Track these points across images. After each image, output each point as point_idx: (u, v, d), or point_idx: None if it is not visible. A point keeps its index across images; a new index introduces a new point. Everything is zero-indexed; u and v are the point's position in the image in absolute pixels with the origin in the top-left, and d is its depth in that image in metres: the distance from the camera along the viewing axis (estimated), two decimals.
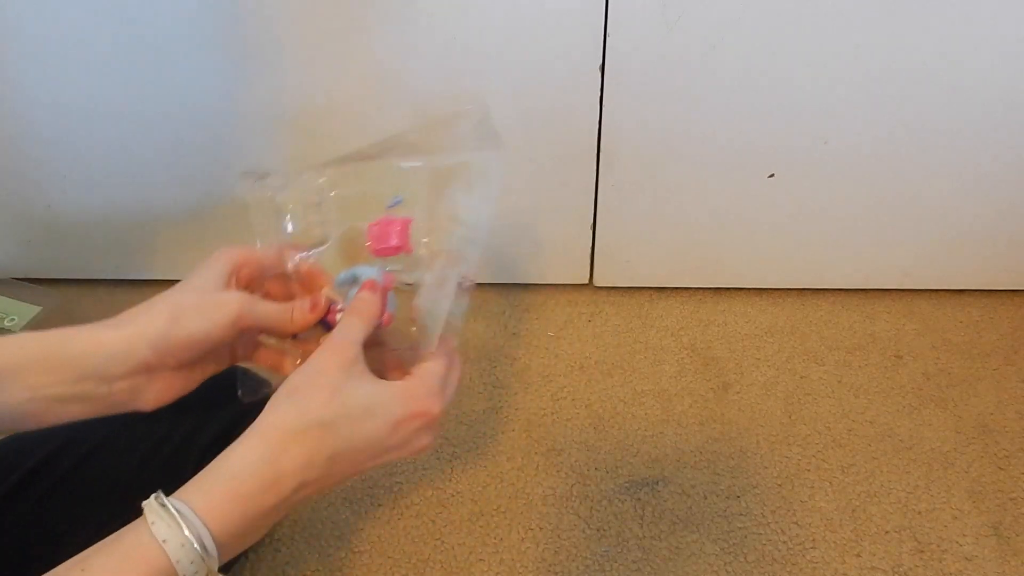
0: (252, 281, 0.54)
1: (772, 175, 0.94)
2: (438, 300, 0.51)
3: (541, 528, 0.82)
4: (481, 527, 0.82)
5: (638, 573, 0.78)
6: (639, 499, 0.84)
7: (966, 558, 0.79)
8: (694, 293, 1.09)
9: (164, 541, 0.39)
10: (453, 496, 0.85)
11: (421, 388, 0.48)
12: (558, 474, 0.87)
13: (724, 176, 0.94)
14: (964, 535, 0.80)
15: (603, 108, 0.88)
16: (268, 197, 0.57)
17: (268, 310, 0.51)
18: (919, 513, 0.82)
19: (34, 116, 0.92)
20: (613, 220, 0.99)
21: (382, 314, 0.51)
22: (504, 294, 1.09)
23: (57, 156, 0.96)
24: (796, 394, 0.95)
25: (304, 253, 0.55)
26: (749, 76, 0.84)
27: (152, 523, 0.40)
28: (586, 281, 1.08)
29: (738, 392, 0.95)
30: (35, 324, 1.00)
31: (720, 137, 0.90)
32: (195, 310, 0.50)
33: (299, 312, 0.52)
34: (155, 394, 0.51)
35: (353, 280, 0.53)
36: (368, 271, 0.53)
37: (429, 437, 0.48)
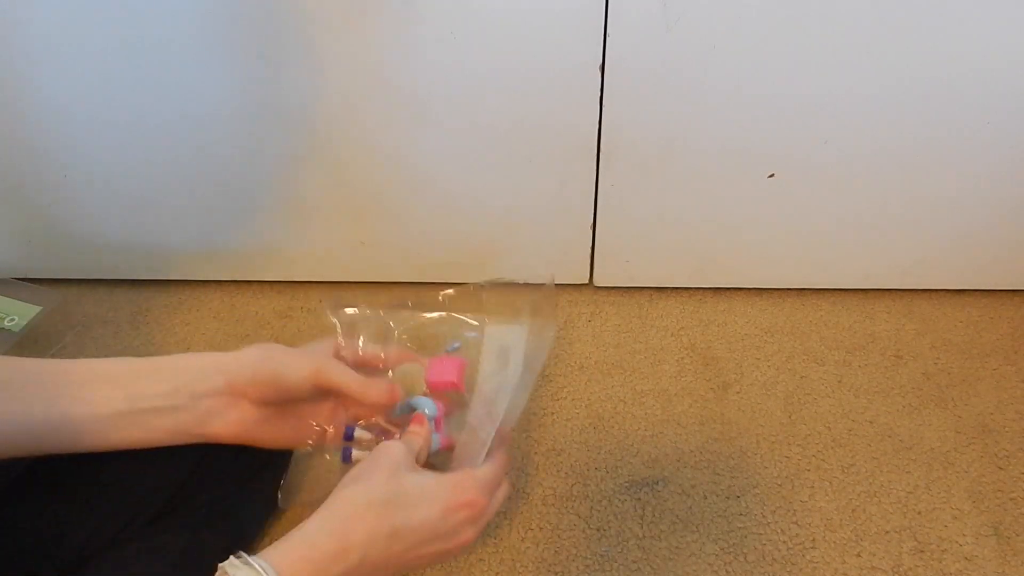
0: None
1: (772, 175, 0.94)
2: (483, 428, 0.58)
3: (541, 528, 0.82)
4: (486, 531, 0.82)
5: (638, 573, 0.78)
6: (639, 499, 0.84)
7: (966, 558, 0.79)
8: (694, 293, 1.09)
9: None
10: None
11: (471, 481, 0.53)
12: (558, 474, 0.87)
13: (724, 176, 0.94)
14: (964, 535, 0.80)
15: (603, 108, 0.88)
16: (348, 321, 0.65)
17: (347, 376, 0.56)
18: (919, 513, 0.82)
19: (34, 116, 0.92)
20: (613, 220, 0.99)
21: (429, 443, 0.58)
22: (504, 294, 1.09)
23: (57, 156, 0.96)
24: (796, 394, 0.95)
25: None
26: (749, 76, 0.84)
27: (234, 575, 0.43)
28: (586, 281, 1.08)
29: (738, 392, 0.95)
30: (35, 324, 1.00)
31: (720, 137, 0.90)
32: (283, 355, 0.56)
33: (375, 389, 0.57)
34: (231, 423, 0.55)
35: (411, 410, 0.60)
36: (424, 403, 0.60)
37: (474, 531, 0.52)
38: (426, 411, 0.60)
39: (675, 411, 0.93)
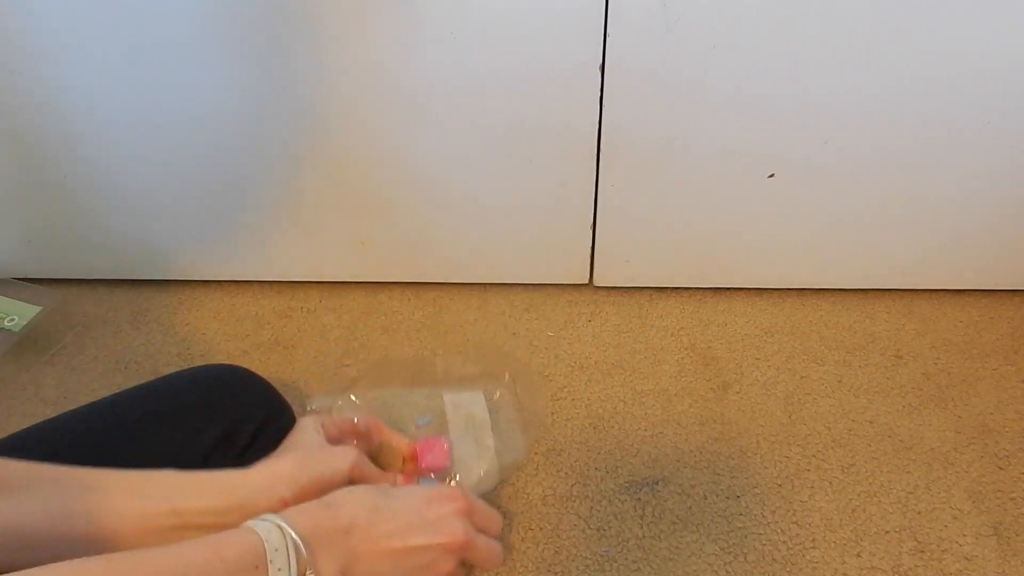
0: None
1: (772, 175, 0.94)
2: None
3: (541, 528, 0.82)
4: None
5: (638, 573, 0.78)
6: (639, 499, 0.84)
7: (966, 558, 0.79)
8: (694, 293, 1.09)
9: (253, 527, 0.44)
10: None
11: (454, 487, 0.55)
12: (558, 474, 0.87)
13: (724, 176, 0.94)
14: (964, 535, 0.80)
15: (603, 108, 0.88)
16: (321, 413, 0.68)
17: (376, 472, 0.59)
18: (919, 513, 0.82)
19: (34, 116, 0.92)
20: (613, 220, 0.99)
21: None
22: (504, 294, 1.09)
23: (58, 156, 0.96)
24: (796, 394, 0.95)
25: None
26: (749, 76, 0.84)
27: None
28: (586, 281, 1.08)
29: (738, 392, 0.95)
30: (35, 324, 1.00)
31: (720, 137, 0.90)
32: (317, 460, 0.57)
33: (400, 480, 0.62)
34: None
35: None
36: (428, 483, 0.65)
37: (463, 529, 0.51)
38: None
39: (675, 411, 0.93)
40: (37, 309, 1.01)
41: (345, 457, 0.57)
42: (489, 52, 0.84)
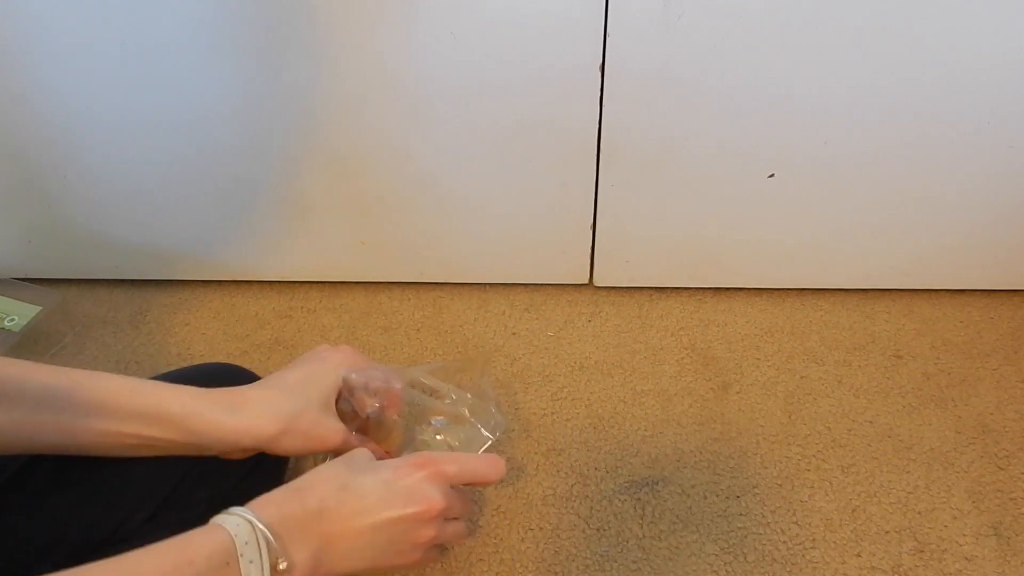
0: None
1: (772, 175, 0.94)
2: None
3: (541, 528, 0.82)
4: (481, 527, 0.82)
5: (638, 573, 0.78)
6: (639, 499, 0.84)
7: (966, 558, 0.78)
8: (694, 293, 1.09)
9: (221, 523, 0.44)
10: None
11: (423, 455, 0.53)
12: (558, 474, 0.87)
13: (724, 176, 0.94)
14: (964, 535, 0.80)
15: (603, 108, 0.88)
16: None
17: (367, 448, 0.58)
18: (919, 513, 0.82)
19: (35, 116, 0.92)
20: (613, 220, 0.99)
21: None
22: (504, 294, 1.09)
23: (57, 156, 0.96)
24: (796, 394, 0.95)
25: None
26: (749, 76, 0.84)
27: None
28: (586, 281, 1.08)
29: (738, 392, 0.95)
30: (35, 324, 1.00)
31: (720, 137, 0.90)
32: (303, 435, 0.56)
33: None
34: (249, 452, 0.58)
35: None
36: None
37: (441, 496, 0.51)
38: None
39: (675, 411, 0.93)
40: (37, 309, 1.01)
41: (330, 441, 0.57)
42: (489, 52, 0.84)
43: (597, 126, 0.90)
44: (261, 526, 0.44)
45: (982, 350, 1.00)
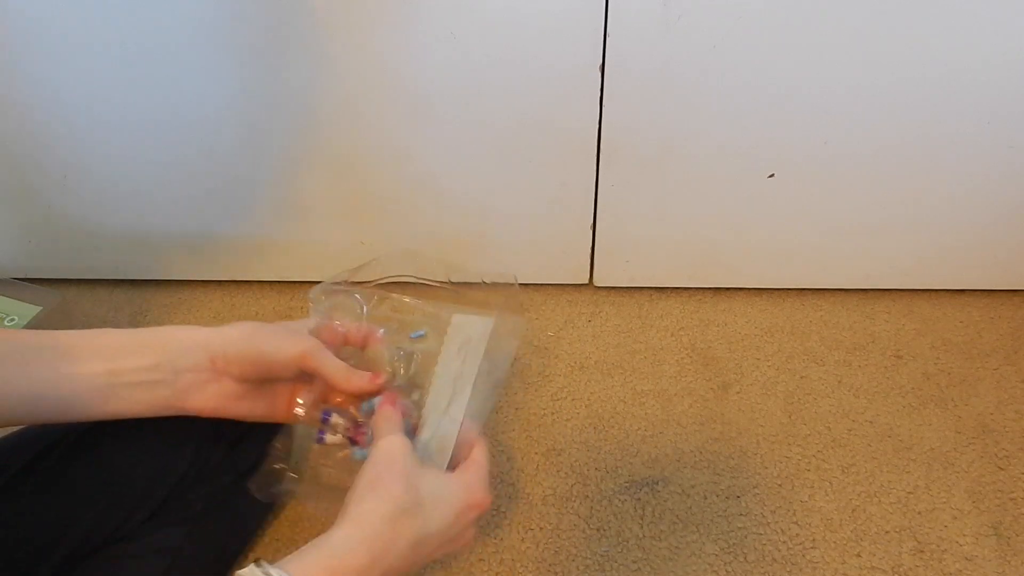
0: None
1: (772, 175, 0.94)
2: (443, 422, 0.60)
3: (541, 528, 0.82)
4: (481, 527, 0.82)
5: (638, 573, 0.78)
6: (639, 499, 0.84)
7: (966, 558, 0.78)
8: (694, 293, 1.09)
9: None
10: None
11: (477, 481, 0.54)
12: (558, 474, 0.87)
13: (724, 176, 0.94)
14: (964, 535, 0.80)
15: (603, 108, 0.88)
16: (326, 301, 0.66)
17: (331, 362, 0.56)
18: (919, 513, 0.82)
19: (35, 116, 0.92)
20: (613, 220, 0.99)
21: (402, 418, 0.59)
22: (504, 294, 1.09)
23: (57, 156, 0.96)
24: (796, 394, 0.95)
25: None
26: (749, 76, 0.84)
27: None
28: (586, 281, 1.08)
29: (738, 392, 0.95)
30: (35, 324, 1.00)
31: (720, 137, 0.90)
32: (271, 335, 0.56)
33: (357, 377, 0.57)
34: (209, 397, 0.56)
35: (373, 409, 0.59)
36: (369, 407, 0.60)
37: (475, 529, 0.53)
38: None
39: (675, 411, 0.93)
40: (37, 309, 1.01)
41: (299, 344, 0.56)
42: (489, 52, 0.84)
43: (597, 126, 0.90)
44: None
45: (982, 350, 1.00)
